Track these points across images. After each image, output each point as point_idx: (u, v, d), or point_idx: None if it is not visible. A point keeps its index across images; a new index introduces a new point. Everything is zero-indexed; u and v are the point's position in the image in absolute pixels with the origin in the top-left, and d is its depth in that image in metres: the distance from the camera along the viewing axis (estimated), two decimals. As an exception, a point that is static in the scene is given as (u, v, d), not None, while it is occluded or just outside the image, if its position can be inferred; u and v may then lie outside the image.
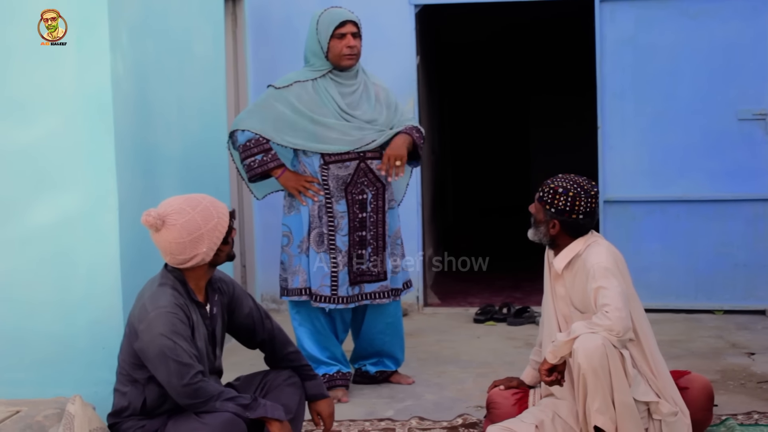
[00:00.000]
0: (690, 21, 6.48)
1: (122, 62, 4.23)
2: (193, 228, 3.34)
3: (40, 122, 4.13)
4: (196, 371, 3.28)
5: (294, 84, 4.69)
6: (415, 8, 6.80)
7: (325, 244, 4.67)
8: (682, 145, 6.54)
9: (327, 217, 4.66)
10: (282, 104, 4.66)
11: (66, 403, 3.57)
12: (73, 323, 4.14)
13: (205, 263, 3.42)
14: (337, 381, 4.78)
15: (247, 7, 6.83)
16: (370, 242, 4.71)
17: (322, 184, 4.66)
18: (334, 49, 4.65)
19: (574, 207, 3.67)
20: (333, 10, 4.72)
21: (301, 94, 4.66)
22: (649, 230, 6.61)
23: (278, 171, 4.68)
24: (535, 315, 6.37)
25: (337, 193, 4.66)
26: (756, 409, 4.33)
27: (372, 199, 4.71)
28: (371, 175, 4.70)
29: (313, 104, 4.65)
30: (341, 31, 4.64)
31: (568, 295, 3.75)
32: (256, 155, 4.66)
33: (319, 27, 4.68)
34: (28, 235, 4.15)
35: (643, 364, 3.63)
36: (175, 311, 3.32)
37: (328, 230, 4.67)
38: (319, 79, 4.69)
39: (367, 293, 4.72)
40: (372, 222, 4.72)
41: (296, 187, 4.68)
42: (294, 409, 3.58)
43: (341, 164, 4.65)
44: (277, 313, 6.90)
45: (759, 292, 6.49)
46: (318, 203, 4.66)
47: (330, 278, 4.66)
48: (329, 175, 4.65)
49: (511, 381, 4.03)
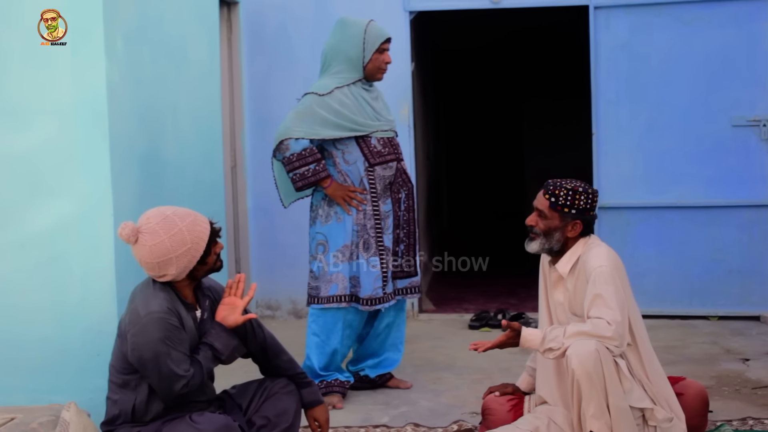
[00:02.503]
0: (684, 27, 6.49)
1: (117, 68, 4.23)
2: (161, 253, 3.34)
3: (35, 128, 4.13)
4: (185, 381, 3.30)
5: (335, 90, 4.79)
6: (410, 15, 6.81)
7: (374, 247, 4.77)
8: (677, 151, 6.55)
9: (374, 219, 4.78)
10: (324, 110, 4.75)
11: (61, 410, 3.57)
12: (68, 330, 4.13)
13: (180, 279, 3.44)
14: (335, 388, 4.79)
15: (242, 14, 6.84)
16: (402, 239, 4.87)
17: (369, 187, 4.78)
18: (375, 62, 4.82)
19: (592, 203, 3.74)
20: (377, 26, 4.87)
21: (343, 100, 4.78)
22: (643, 236, 6.61)
23: (328, 181, 4.76)
24: (530, 321, 6.37)
25: (383, 193, 4.80)
26: (751, 415, 4.33)
27: (405, 199, 4.88)
28: (405, 176, 4.90)
29: (354, 108, 4.79)
30: (385, 46, 4.83)
31: (567, 300, 3.75)
32: (310, 164, 4.73)
33: (366, 37, 4.79)
34: (23, 241, 4.14)
35: (638, 369, 3.63)
36: (167, 316, 3.32)
37: (376, 233, 4.78)
38: (351, 85, 4.83)
39: (399, 289, 4.87)
40: (405, 220, 4.89)
41: (343, 196, 4.77)
42: (291, 417, 3.58)
43: (385, 165, 4.81)
44: (272, 320, 6.90)
45: (753, 298, 6.50)
46: (362, 211, 4.76)
47: (381, 279, 4.76)
48: (375, 176, 4.79)
49: (506, 387, 4.02)
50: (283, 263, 6.90)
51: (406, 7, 6.78)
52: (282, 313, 6.98)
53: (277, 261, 6.92)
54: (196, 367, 3.35)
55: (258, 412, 3.59)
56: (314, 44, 6.81)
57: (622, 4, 6.55)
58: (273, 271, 6.90)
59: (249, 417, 3.58)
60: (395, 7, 6.78)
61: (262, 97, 6.88)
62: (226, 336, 3.45)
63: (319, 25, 6.82)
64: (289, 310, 6.96)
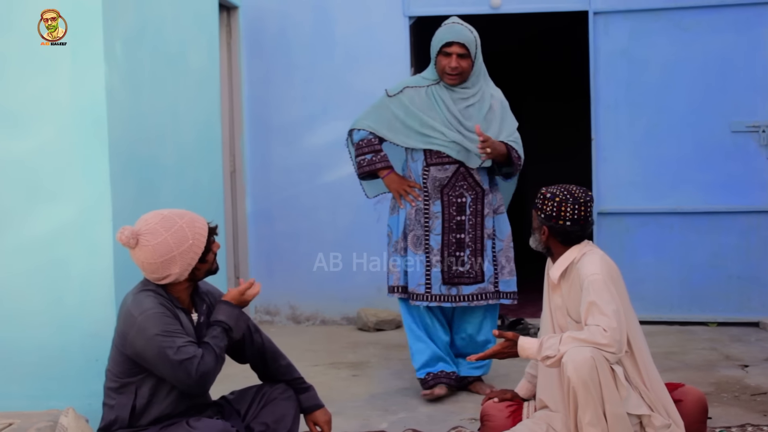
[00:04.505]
0: (683, 33, 6.50)
1: (117, 73, 4.23)
2: (164, 251, 3.33)
3: (34, 133, 4.13)
4: (197, 359, 3.26)
5: (405, 89, 4.88)
6: (410, 20, 6.82)
7: (422, 245, 4.83)
8: (676, 157, 6.55)
9: (423, 218, 4.83)
10: (395, 107, 4.85)
11: (59, 415, 3.57)
12: (67, 335, 4.13)
13: (182, 280, 3.43)
14: (442, 379, 4.88)
15: (242, 19, 6.84)
16: (468, 245, 4.83)
17: (422, 186, 4.82)
18: (439, 64, 4.82)
19: (560, 213, 3.67)
20: (449, 27, 4.81)
21: (413, 98, 4.84)
22: (642, 242, 6.61)
23: (384, 172, 4.89)
24: (529, 327, 6.36)
25: (433, 194, 4.82)
26: (750, 422, 4.33)
27: (471, 203, 4.83)
28: (471, 180, 4.84)
29: (424, 107, 4.82)
30: (447, 50, 4.76)
31: (564, 305, 3.75)
32: (366, 154, 4.88)
33: (433, 40, 4.83)
34: (21, 246, 4.14)
35: (636, 376, 3.62)
36: (161, 311, 3.31)
37: (424, 231, 4.82)
38: (433, 86, 4.85)
39: (465, 295, 4.84)
40: (471, 225, 4.84)
41: (398, 189, 4.87)
42: (290, 423, 3.58)
43: (441, 167, 4.81)
44: (271, 325, 6.90)
45: (752, 304, 6.50)
46: (415, 207, 4.82)
47: (425, 277, 4.80)
48: (429, 176, 4.81)
49: (505, 393, 4.01)
50: (282, 268, 6.90)
51: (406, 12, 6.79)
52: (281, 318, 6.98)
53: (276, 266, 6.92)
54: (206, 348, 3.32)
55: (256, 418, 3.58)
56: (313, 49, 6.84)
57: (621, 9, 6.56)
58: (272, 276, 6.90)
59: (247, 423, 3.57)
60: (395, 12, 6.79)
61: (262, 101, 6.89)
62: (226, 307, 3.45)
63: (319, 31, 6.84)
64: (288, 315, 6.96)
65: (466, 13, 6.92)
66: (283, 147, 6.90)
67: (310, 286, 6.80)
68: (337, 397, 4.86)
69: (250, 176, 6.90)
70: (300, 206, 6.81)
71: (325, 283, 6.78)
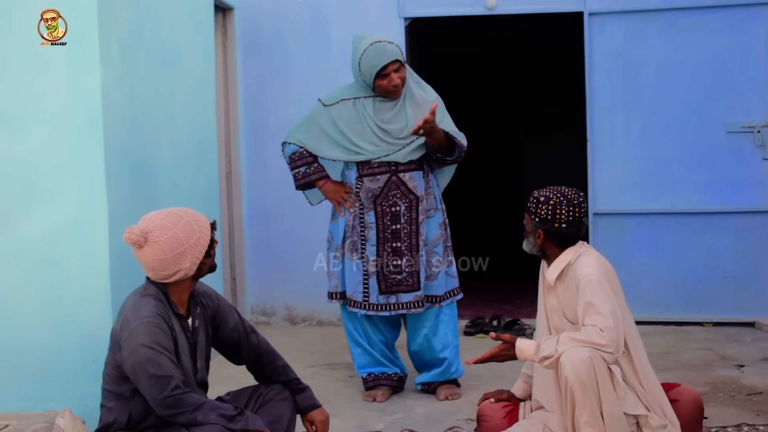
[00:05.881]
0: (679, 34, 6.51)
1: (112, 74, 4.23)
2: (175, 244, 3.33)
3: (29, 134, 4.12)
4: (176, 382, 3.24)
5: (340, 102, 4.86)
6: (405, 21, 6.83)
7: (359, 251, 4.85)
8: (671, 157, 6.56)
9: (359, 227, 4.85)
10: (324, 120, 4.86)
11: (55, 416, 3.56)
12: (63, 336, 4.12)
13: (188, 277, 3.42)
14: (382, 381, 4.96)
15: (237, 20, 6.84)
16: (404, 253, 4.84)
17: (357, 196, 4.85)
18: (379, 88, 4.79)
19: (555, 216, 3.68)
20: (375, 48, 4.72)
21: (342, 112, 4.84)
22: (638, 242, 6.62)
23: (320, 182, 4.92)
24: (525, 328, 6.37)
25: (367, 204, 4.83)
26: (746, 422, 4.33)
27: (405, 211, 4.83)
28: (404, 188, 4.83)
29: (351, 120, 4.82)
30: (383, 72, 4.73)
31: (560, 307, 3.75)
32: (300, 167, 4.92)
33: (362, 68, 4.77)
34: (17, 247, 4.13)
35: (632, 376, 3.63)
36: (157, 321, 3.29)
37: (360, 239, 4.85)
38: (362, 98, 4.84)
39: (403, 303, 4.84)
40: (406, 233, 4.84)
41: (335, 197, 4.90)
42: (286, 424, 3.57)
43: (373, 177, 4.82)
44: (267, 326, 6.90)
45: (748, 304, 6.50)
46: (353, 213, 4.85)
47: (362, 285, 4.83)
48: (362, 187, 4.84)
49: (501, 394, 4.02)
50: (278, 269, 6.90)
51: (401, 13, 6.80)
52: (277, 319, 6.97)
53: (272, 267, 6.91)
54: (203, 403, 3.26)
55: (253, 418, 3.58)
56: (309, 51, 6.84)
57: (616, 10, 6.57)
58: (268, 277, 6.90)
59: (244, 423, 3.56)
60: (390, 13, 6.78)
61: (257, 103, 6.89)
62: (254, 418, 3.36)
63: (315, 32, 6.84)
64: (284, 316, 6.96)
65: (462, 14, 6.97)
66: (279, 148, 6.87)
67: (306, 286, 6.79)
68: (333, 398, 4.87)
69: (245, 177, 6.90)
70: (296, 207, 6.79)
71: (321, 284, 6.76)
